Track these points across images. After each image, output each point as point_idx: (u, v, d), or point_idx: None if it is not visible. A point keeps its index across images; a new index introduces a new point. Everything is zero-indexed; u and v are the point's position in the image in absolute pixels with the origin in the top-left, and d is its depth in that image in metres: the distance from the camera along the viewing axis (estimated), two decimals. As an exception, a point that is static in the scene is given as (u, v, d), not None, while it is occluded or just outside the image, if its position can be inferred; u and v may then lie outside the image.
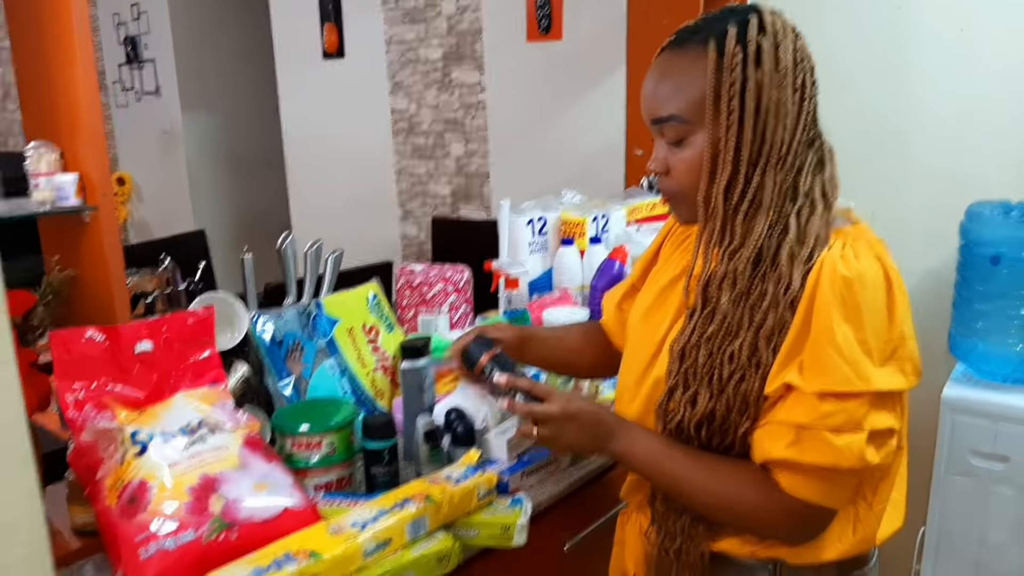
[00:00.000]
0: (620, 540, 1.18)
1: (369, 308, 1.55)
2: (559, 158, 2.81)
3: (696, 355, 0.95)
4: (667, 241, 1.15)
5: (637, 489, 1.11)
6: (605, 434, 1.01)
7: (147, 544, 0.95)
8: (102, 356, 1.11)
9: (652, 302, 1.08)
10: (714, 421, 0.94)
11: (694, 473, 0.96)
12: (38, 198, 1.06)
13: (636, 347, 1.08)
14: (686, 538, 1.00)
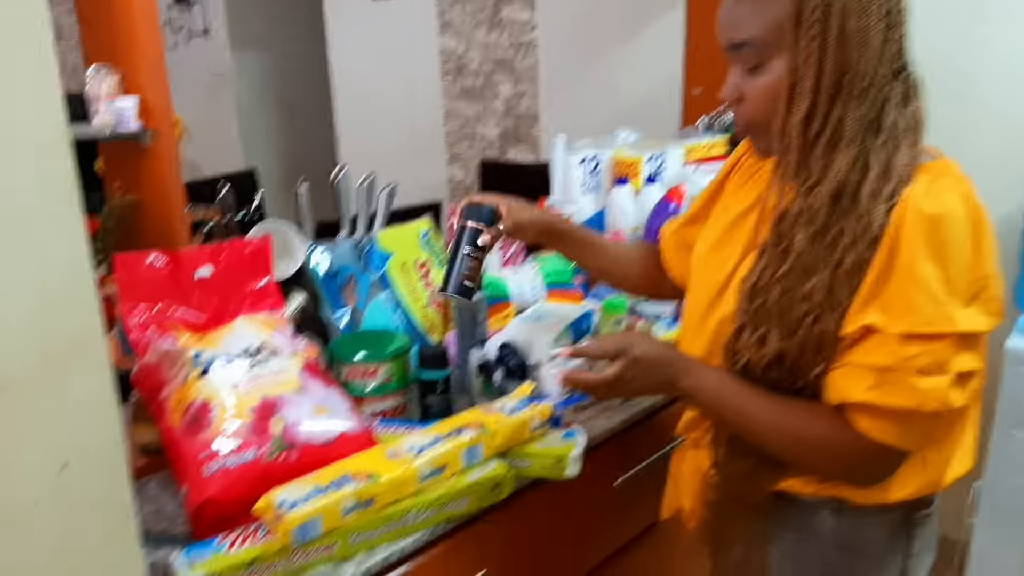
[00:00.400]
0: (674, 476, 1.18)
1: (421, 244, 1.55)
2: (612, 99, 2.75)
3: (768, 294, 0.92)
4: (734, 173, 1.11)
5: (695, 426, 1.09)
6: (672, 373, 0.99)
7: (209, 462, 0.97)
8: (164, 280, 1.13)
9: (719, 237, 1.05)
10: (785, 362, 0.92)
11: (765, 411, 0.94)
12: (99, 123, 1.06)
13: (701, 283, 1.06)
14: (749, 480, 0.99)
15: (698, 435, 1.10)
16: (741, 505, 1.01)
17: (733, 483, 1.00)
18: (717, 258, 1.03)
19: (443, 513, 1.02)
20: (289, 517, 0.90)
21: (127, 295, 1.10)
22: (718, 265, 1.02)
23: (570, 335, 1.38)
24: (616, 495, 1.31)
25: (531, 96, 3.07)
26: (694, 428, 1.11)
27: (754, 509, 1.00)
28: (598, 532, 1.33)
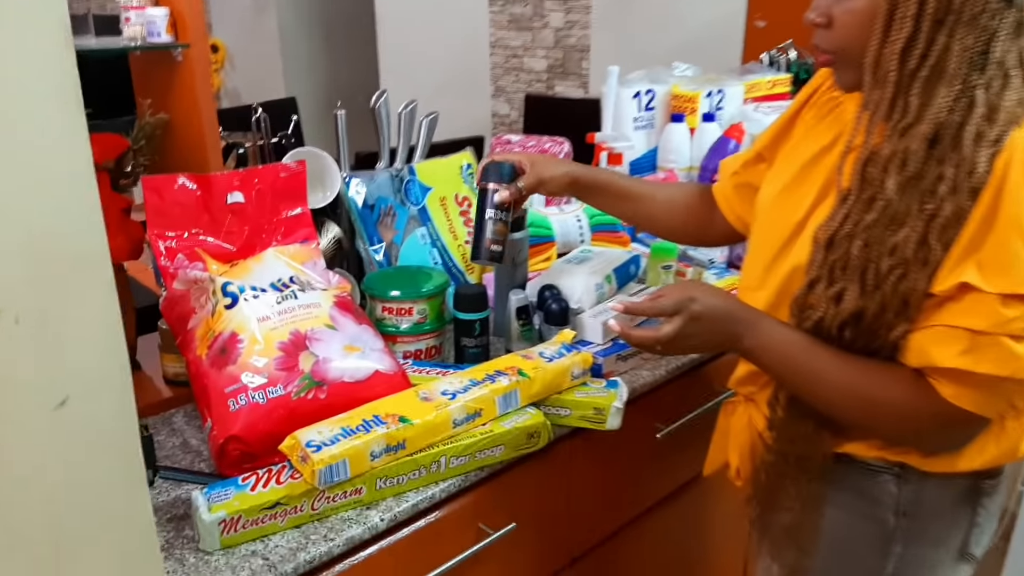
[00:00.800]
0: (723, 430, 1.11)
1: (463, 178, 1.47)
2: (668, 31, 2.60)
3: (848, 246, 0.83)
4: (807, 109, 1.01)
5: (750, 381, 1.02)
6: (735, 330, 0.91)
7: (236, 396, 0.93)
8: (194, 205, 1.07)
9: (790, 178, 0.96)
10: (862, 321, 0.84)
11: (838, 373, 0.86)
12: (129, 34, 1.00)
13: (767, 229, 0.97)
14: (808, 443, 0.92)
15: (753, 390, 1.04)
16: (797, 468, 0.95)
17: (791, 445, 0.94)
18: (788, 201, 0.94)
19: (476, 461, 0.97)
20: (316, 459, 0.86)
21: (155, 220, 1.05)
22: (789, 209, 0.93)
23: (615, 280, 1.30)
24: (657, 447, 1.25)
25: (583, 26, 2.92)
26: (749, 383, 1.04)
27: (811, 472, 0.94)
28: (636, 486, 1.28)
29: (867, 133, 0.83)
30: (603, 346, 1.19)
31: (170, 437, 1.05)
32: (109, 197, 1.10)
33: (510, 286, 1.29)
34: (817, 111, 0.98)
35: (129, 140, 1.13)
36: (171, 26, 1.01)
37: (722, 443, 1.12)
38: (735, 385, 1.08)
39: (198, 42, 1.01)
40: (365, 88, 4.11)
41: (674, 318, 0.92)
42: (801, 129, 1.00)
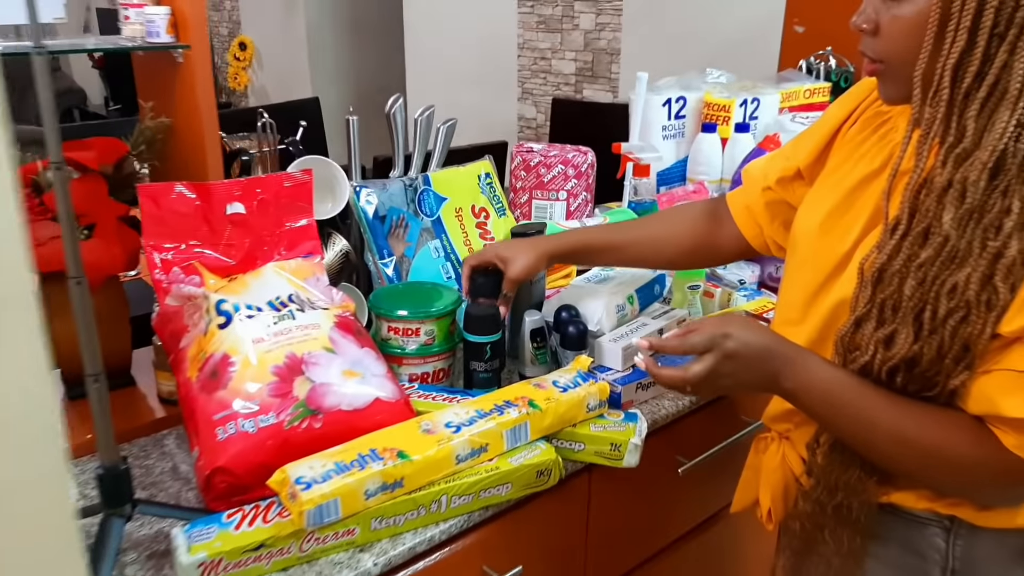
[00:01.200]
0: (753, 467, 1.03)
1: (480, 188, 1.41)
2: (702, 34, 2.50)
3: (900, 284, 0.75)
4: (849, 124, 0.92)
5: (785, 418, 0.94)
6: (774, 368, 0.82)
7: (225, 424, 0.87)
8: (193, 215, 1.01)
9: (835, 204, 0.87)
10: (916, 367, 0.75)
11: (888, 416, 0.77)
12: (128, 33, 0.95)
13: (810, 259, 0.89)
14: (851, 493, 0.84)
15: (788, 428, 0.96)
16: (837, 518, 0.87)
17: (831, 495, 0.85)
18: (834, 230, 0.86)
19: (480, 501, 0.90)
20: (304, 498, 0.79)
21: (151, 230, 0.99)
22: (835, 239, 0.85)
23: (637, 301, 1.23)
24: (680, 483, 1.17)
25: (613, 28, 2.84)
26: (784, 420, 0.96)
27: (852, 523, 0.85)
28: (655, 523, 1.21)
29: (918, 156, 0.75)
30: (623, 373, 1.12)
31: (160, 461, 0.99)
32: (105, 204, 1.05)
33: (525, 306, 1.22)
34: (861, 127, 0.89)
35: (128, 144, 1.07)
36: (172, 26, 0.95)
37: (752, 480, 1.04)
38: (769, 421, 1.00)
39: (199, 44, 0.95)
40: (391, 89, 4.08)
41: (705, 356, 0.83)
42: (844, 147, 0.91)
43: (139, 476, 0.96)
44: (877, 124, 0.87)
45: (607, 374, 1.11)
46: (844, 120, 0.93)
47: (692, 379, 0.83)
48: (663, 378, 0.86)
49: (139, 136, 1.06)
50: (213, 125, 0.98)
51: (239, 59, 4.63)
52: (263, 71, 4.62)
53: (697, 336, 0.84)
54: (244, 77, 4.66)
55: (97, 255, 1.01)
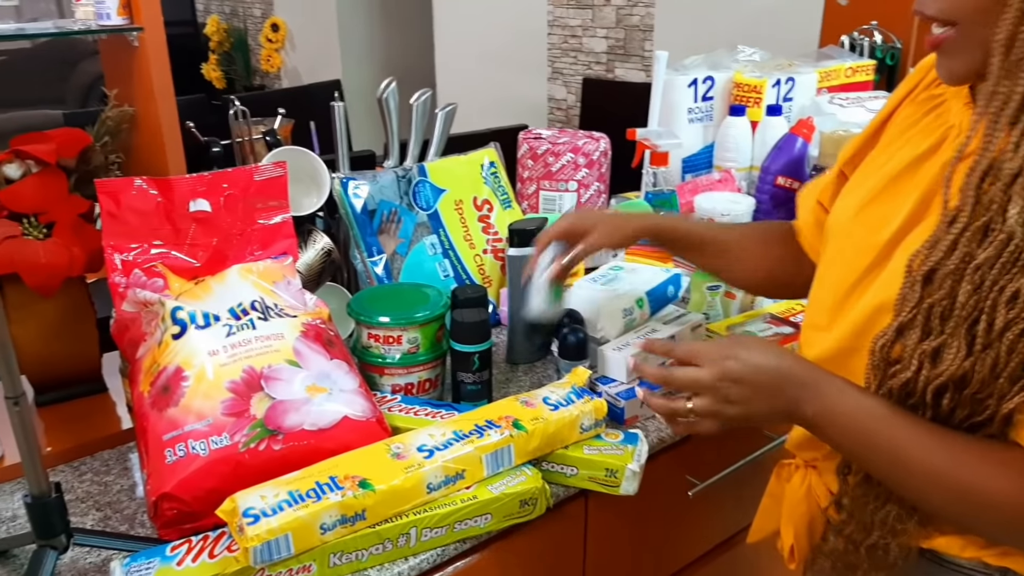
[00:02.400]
0: (775, 495, 0.92)
1: (484, 178, 1.31)
2: (739, 8, 2.35)
3: (953, 287, 0.64)
4: (902, 109, 0.79)
5: (811, 445, 0.83)
6: (790, 397, 0.71)
7: (175, 445, 0.79)
8: (154, 212, 0.94)
9: (875, 191, 0.76)
10: (966, 387, 0.64)
11: (924, 451, 0.66)
12: (80, 15, 0.87)
13: (842, 252, 0.77)
14: (887, 533, 0.73)
15: (815, 457, 0.85)
16: (872, 561, 0.76)
17: (865, 533, 0.74)
18: (871, 218, 0.74)
19: (455, 533, 0.81)
20: (250, 533, 0.71)
21: (111, 229, 0.92)
22: (872, 226, 0.73)
23: (648, 304, 1.12)
24: (689, 506, 1.07)
25: (647, 3, 2.69)
26: (809, 448, 0.85)
27: (890, 567, 0.75)
28: (661, 551, 1.10)
29: (986, 138, 0.63)
30: (627, 386, 1.01)
31: (120, 478, 0.92)
32: (65, 200, 0.98)
33: (523, 308, 1.12)
34: (914, 110, 0.77)
35: (91, 135, 1.00)
36: (123, 7, 0.87)
37: (773, 509, 0.93)
38: (793, 448, 0.89)
39: (152, 25, 0.87)
40: (420, 70, 3.98)
41: (704, 366, 0.72)
42: (892, 132, 0.79)
43: (95, 494, 0.89)
44: (930, 107, 0.75)
45: (610, 386, 1.01)
46: (895, 108, 0.81)
47: (697, 410, 0.72)
48: (663, 408, 0.76)
49: (101, 127, 0.98)
50: (171, 114, 0.91)
51: (272, 41, 4.58)
52: (295, 52, 4.56)
53: (703, 352, 0.73)
54: (277, 59, 4.60)
55: (55, 255, 0.94)
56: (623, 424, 0.99)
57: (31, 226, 0.95)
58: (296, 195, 1.12)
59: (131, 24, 0.89)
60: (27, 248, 0.93)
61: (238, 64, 4.80)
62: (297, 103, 2.79)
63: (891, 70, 1.75)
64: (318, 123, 1.29)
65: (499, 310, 1.24)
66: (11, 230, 0.94)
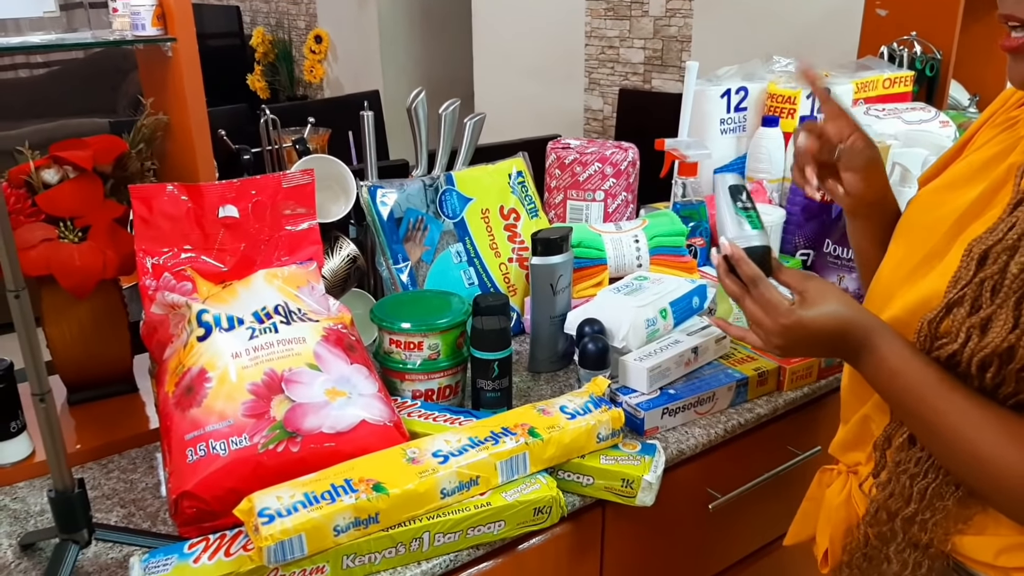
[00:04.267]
0: (815, 499, 0.93)
1: (511, 187, 1.31)
2: (778, 19, 2.33)
3: (1006, 261, 0.65)
4: (983, 132, 0.80)
5: (856, 445, 0.84)
6: (849, 348, 0.74)
7: (196, 445, 0.81)
8: (184, 218, 0.96)
9: (943, 185, 0.78)
10: (1011, 361, 0.65)
11: (958, 416, 0.67)
12: (117, 26, 0.90)
13: (907, 232, 0.80)
14: (925, 508, 0.73)
15: (858, 460, 0.85)
16: (904, 540, 0.76)
17: (900, 502, 0.75)
18: (938, 206, 0.76)
19: (469, 539, 0.82)
20: (265, 533, 0.72)
21: (143, 233, 0.95)
22: (936, 215, 0.75)
23: (671, 315, 1.11)
24: (710, 520, 1.05)
25: (684, 14, 2.68)
26: (853, 448, 0.86)
27: (924, 547, 0.75)
28: (681, 564, 1.09)
29: None
30: (648, 396, 1.01)
31: (145, 476, 0.94)
32: (100, 204, 1.01)
33: (548, 316, 1.12)
34: (991, 130, 0.78)
35: (128, 143, 1.03)
36: (158, 18, 0.90)
37: (812, 513, 0.93)
38: (837, 452, 0.89)
39: (185, 36, 0.89)
40: (460, 81, 4.02)
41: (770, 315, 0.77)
42: (971, 150, 0.80)
43: (121, 491, 0.91)
44: (1006, 127, 0.76)
45: (630, 396, 1.01)
46: (976, 131, 0.82)
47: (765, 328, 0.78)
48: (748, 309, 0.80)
49: (136, 134, 1.01)
50: (202, 122, 0.93)
51: (315, 52, 4.67)
52: (337, 64, 4.64)
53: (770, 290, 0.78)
54: (320, 70, 4.69)
55: (89, 258, 0.97)
56: (643, 435, 0.98)
57: (67, 230, 0.98)
58: (324, 202, 1.15)
59: (165, 35, 0.91)
60: (63, 251, 0.96)
61: (282, 75, 4.90)
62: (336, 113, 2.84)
63: (931, 81, 1.71)
64: (356, 132, 1.31)
65: (523, 318, 1.24)
66: (48, 233, 0.97)
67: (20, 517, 0.86)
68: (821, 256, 1.39)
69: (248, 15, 5.24)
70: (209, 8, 5.17)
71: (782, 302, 0.76)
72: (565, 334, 1.12)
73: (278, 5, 4.99)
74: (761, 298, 0.78)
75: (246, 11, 5.20)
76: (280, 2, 4.97)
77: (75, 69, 4.74)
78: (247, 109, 2.83)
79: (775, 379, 1.09)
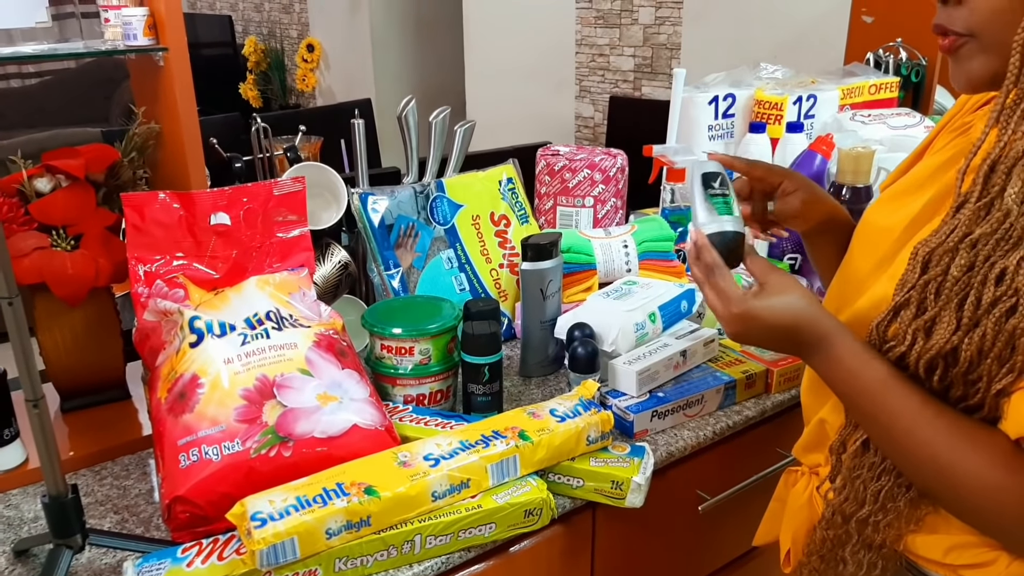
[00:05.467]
0: (781, 499, 0.94)
1: (501, 194, 1.32)
2: (765, 27, 2.35)
3: (948, 263, 0.66)
4: (940, 138, 0.82)
5: (815, 447, 0.85)
6: (803, 343, 0.74)
7: (189, 450, 0.82)
8: (177, 226, 0.97)
9: (900, 189, 0.80)
10: (955, 365, 0.66)
11: (913, 420, 0.68)
12: (109, 36, 0.91)
13: (863, 240, 0.81)
14: (878, 510, 0.74)
15: (819, 462, 0.87)
16: (859, 541, 0.77)
17: (855, 505, 0.76)
18: (889, 209, 0.78)
19: (460, 541, 0.82)
20: (257, 536, 0.73)
21: (135, 241, 0.96)
22: (887, 223, 0.77)
23: (660, 319, 1.12)
24: (700, 522, 1.06)
25: (673, 22, 2.71)
26: (815, 450, 0.87)
27: (878, 547, 0.76)
28: (672, 566, 1.10)
29: (1001, 132, 0.65)
30: (637, 399, 1.02)
31: (139, 482, 0.95)
32: (93, 213, 1.02)
33: (538, 321, 1.14)
34: (947, 136, 0.80)
35: (120, 151, 1.04)
36: (149, 28, 0.91)
37: (779, 513, 0.94)
38: (799, 453, 0.91)
39: (177, 45, 0.90)
40: (452, 89, 4.04)
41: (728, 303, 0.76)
42: (928, 157, 0.82)
43: (114, 497, 0.92)
44: (960, 132, 0.78)
45: (620, 399, 1.02)
46: (934, 137, 0.84)
47: (720, 311, 0.78)
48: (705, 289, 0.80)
49: (128, 143, 1.02)
50: (194, 130, 0.94)
51: (307, 61, 4.68)
52: (330, 72, 4.66)
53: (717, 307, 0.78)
54: (312, 78, 4.70)
55: (82, 266, 0.98)
56: (632, 438, 0.99)
57: (60, 238, 0.98)
58: (316, 209, 1.16)
59: (157, 44, 0.92)
60: (55, 259, 0.97)
61: (274, 84, 4.91)
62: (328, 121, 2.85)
63: (916, 87, 1.74)
64: (349, 141, 1.32)
65: (514, 323, 1.25)
66: (41, 242, 0.98)
67: (14, 524, 0.87)
68: (808, 261, 1.40)
69: (240, 24, 5.26)
70: (202, 18, 5.19)
71: (735, 291, 0.76)
72: (555, 339, 1.13)
73: (270, 14, 5.00)
74: (716, 286, 0.78)
75: (238, 20, 5.22)
76: (272, 11, 4.98)
77: (68, 79, 4.75)
78: (240, 118, 2.84)
79: (763, 382, 1.10)
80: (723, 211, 0.82)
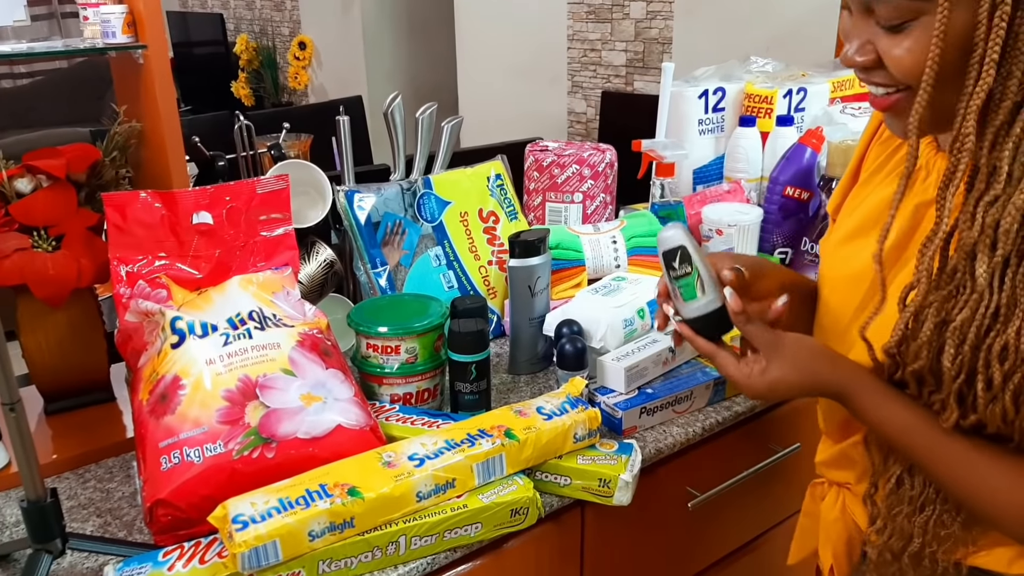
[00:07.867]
0: (811, 514, 0.93)
1: (490, 190, 1.31)
2: (757, 21, 2.34)
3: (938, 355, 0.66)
4: (871, 150, 0.82)
5: (839, 464, 0.85)
6: (830, 395, 0.75)
7: (170, 452, 0.81)
8: (158, 225, 0.96)
9: (852, 228, 0.80)
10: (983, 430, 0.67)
11: (942, 462, 0.69)
12: (88, 34, 0.90)
13: (832, 287, 0.82)
14: (931, 540, 0.73)
15: (847, 479, 0.86)
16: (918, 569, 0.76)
17: (902, 540, 0.75)
18: (850, 249, 0.79)
19: (445, 542, 0.82)
20: (239, 539, 0.72)
21: (116, 241, 0.95)
22: (851, 255, 0.78)
23: (649, 315, 1.11)
24: (689, 519, 1.05)
25: (665, 16, 2.70)
26: (837, 467, 0.86)
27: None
28: (662, 563, 1.09)
29: (941, 206, 0.65)
30: (626, 396, 1.01)
31: (122, 485, 0.94)
32: (74, 213, 1.01)
33: (526, 318, 1.13)
34: (881, 150, 0.80)
35: (101, 151, 1.03)
36: (128, 25, 0.89)
37: (811, 529, 0.93)
38: (823, 470, 0.90)
39: (156, 43, 0.89)
40: (444, 86, 4.02)
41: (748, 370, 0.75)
42: (865, 173, 0.82)
43: (97, 501, 0.91)
44: (894, 148, 0.78)
45: (609, 396, 1.01)
46: (864, 150, 0.83)
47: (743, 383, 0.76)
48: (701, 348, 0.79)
49: (110, 142, 1.01)
50: (175, 129, 0.93)
51: (299, 58, 4.66)
52: (322, 70, 4.64)
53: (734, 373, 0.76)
54: (304, 76, 4.68)
55: (63, 267, 0.97)
56: (621, 435, 0.99)
57: (41, 239, 0.97)
58: (301, 207, 1.14)
59: (136, 42, 0.91)
60: (36, 260, 0.96)
61: (266, 81, 4.89)
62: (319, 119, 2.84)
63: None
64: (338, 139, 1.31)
65: (503, 321, 1.24)
66: (21, 243, 0.96)
67: (-5, 528, 0.86)
68: (799, 254, 1.40)
69: (232, 22, 5.23)
70: (193, 16, 5.17)
71: (739, 373, 0.75)
72: (544, 336, 1.12)
73: (262, 12, 4.98)
74: (724, 370, 0.77)
75: (230, 18, 5.19)
76: (264, 9, 4.96)
77: (59, 79, 4.72)
78: (229, 116, 2.83)
79: (753, 377, 1.09)
80: (688, 295, 0.78)
